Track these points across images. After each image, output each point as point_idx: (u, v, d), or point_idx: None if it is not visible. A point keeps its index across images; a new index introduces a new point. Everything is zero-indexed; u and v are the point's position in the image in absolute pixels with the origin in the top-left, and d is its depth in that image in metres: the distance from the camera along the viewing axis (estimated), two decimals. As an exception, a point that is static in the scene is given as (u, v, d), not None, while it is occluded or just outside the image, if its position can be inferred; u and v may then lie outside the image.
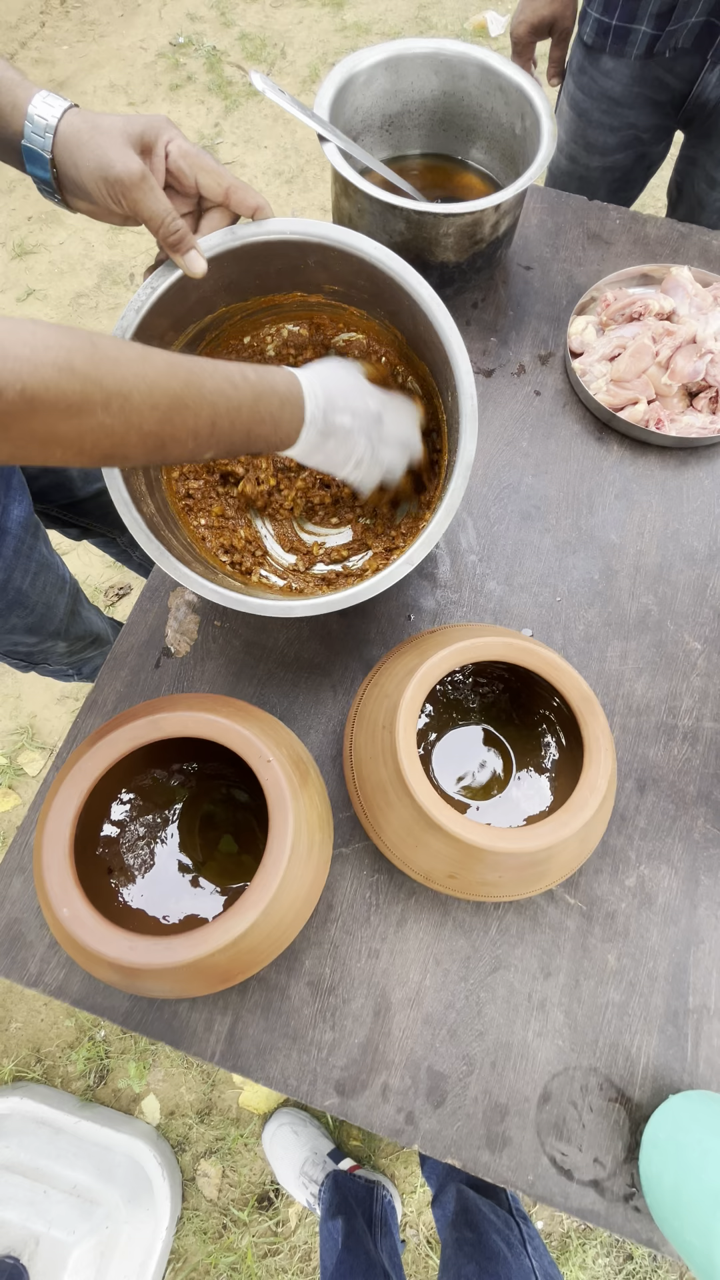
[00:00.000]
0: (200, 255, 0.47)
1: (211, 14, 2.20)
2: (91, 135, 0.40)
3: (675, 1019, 0.52)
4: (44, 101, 0.41)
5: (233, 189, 0.46)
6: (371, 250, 0.50)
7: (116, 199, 0.42)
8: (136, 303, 0.49)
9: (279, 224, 0.48)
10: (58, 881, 0.39)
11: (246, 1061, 0.50)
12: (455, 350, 0.49)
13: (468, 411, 0.49)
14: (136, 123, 0.42)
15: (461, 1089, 0.50)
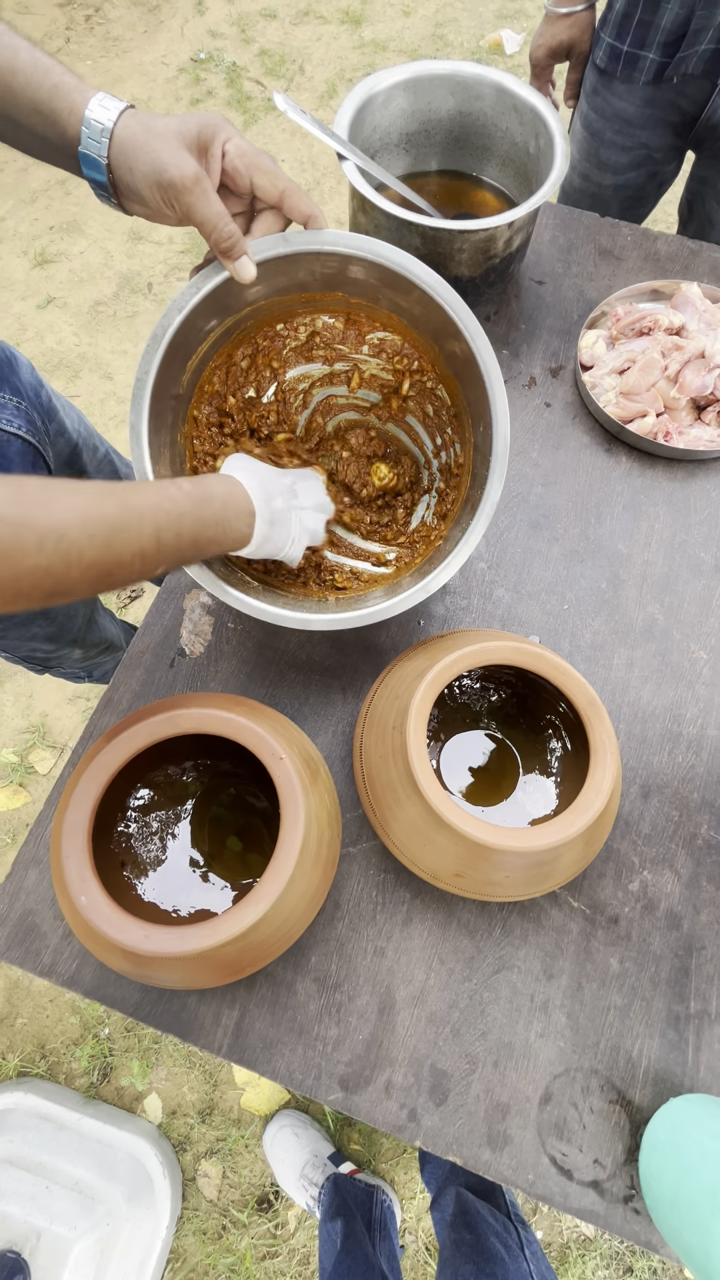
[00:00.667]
0: (251, 261, 0.46)
1: (232, 31, 2.24)
2: (146, 138, 0.40)
3: (676, 1023, 0.52)
4: (100, 105, 0.40)
5: (288, 193, 0.44)
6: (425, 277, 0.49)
7: (170, 203, 0.41)
8: (181, 302, 0.49)
9: (333, 236, 0.47)
10: (76, 870, 0.40)
11: (253, 1055, 0.51)
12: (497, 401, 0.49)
13: (499, 453, 0.50)
14: (192, 123, 0.41)
15: (464, 1087, 0.50)
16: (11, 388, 0.63)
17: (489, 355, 0.50)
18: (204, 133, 0.41)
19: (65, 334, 1.74)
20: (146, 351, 0.49)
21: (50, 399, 0.72)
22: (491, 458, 0.50)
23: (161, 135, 0.40)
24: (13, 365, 0.65)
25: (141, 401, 0.49)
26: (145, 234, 1.88)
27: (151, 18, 2.29)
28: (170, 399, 0.55)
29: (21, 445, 0.62)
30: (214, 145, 0.42)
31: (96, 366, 1.70)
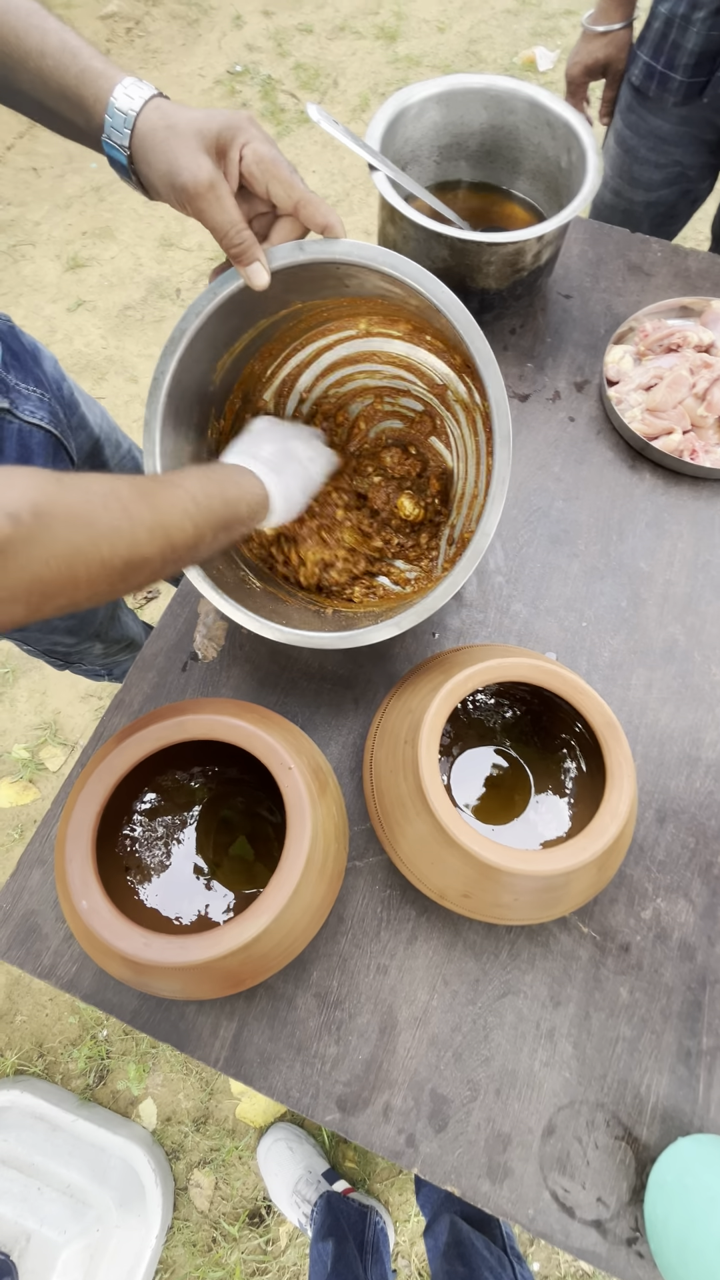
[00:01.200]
0: (264, 268, 0.45)
1: (269, 44, 2.28)
2: (165, 136, 0.39)
3: (687, 1059, 0.50)
4: (125, 93, 0.38)
5: (303, 202, 0.43)
6: (441, 294, 0.47)
7: (183, 204, 0.41)
8: (199, 305, 0.48)
9: (347, 246, 0.46)
10: (78, 874, 0.40)
11: (250, 1070, 0.50)
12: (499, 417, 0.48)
13: (499, 476, 0.48)
14: (214, 122, 0.40)
15: (464, 1114, 0.49)
16: (35, 380, 0.63)
17: (494, 374, 0.47)
18: (224, 134, 0.40)
19: (93, 337, 1.77)
20: (164, 353, 0.49)
21: (72, 393, 0.72)
22: (492, 482, 0.48)
23: (181, 134, 0.39)
24: (37, 358, 0.65)
25: (156, 399, 0.50)
26: (175, 240, 1.90)
27: (190, 31, 2.34)
28: (197, 397, 0.55)
29: (44, 436, 0.63)
30: (233, 148, 0.41)
31: (123, 369, 1.72)
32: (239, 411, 0.61)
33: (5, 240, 1.92)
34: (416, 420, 0.64)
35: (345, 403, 0.65)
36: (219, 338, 0.52)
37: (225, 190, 0.41)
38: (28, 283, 1.85)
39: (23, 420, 0.60)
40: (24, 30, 0.38)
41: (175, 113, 0.40)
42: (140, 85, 0.40)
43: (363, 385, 0.64)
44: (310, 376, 0.63)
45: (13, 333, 0.63)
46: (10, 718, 1.36)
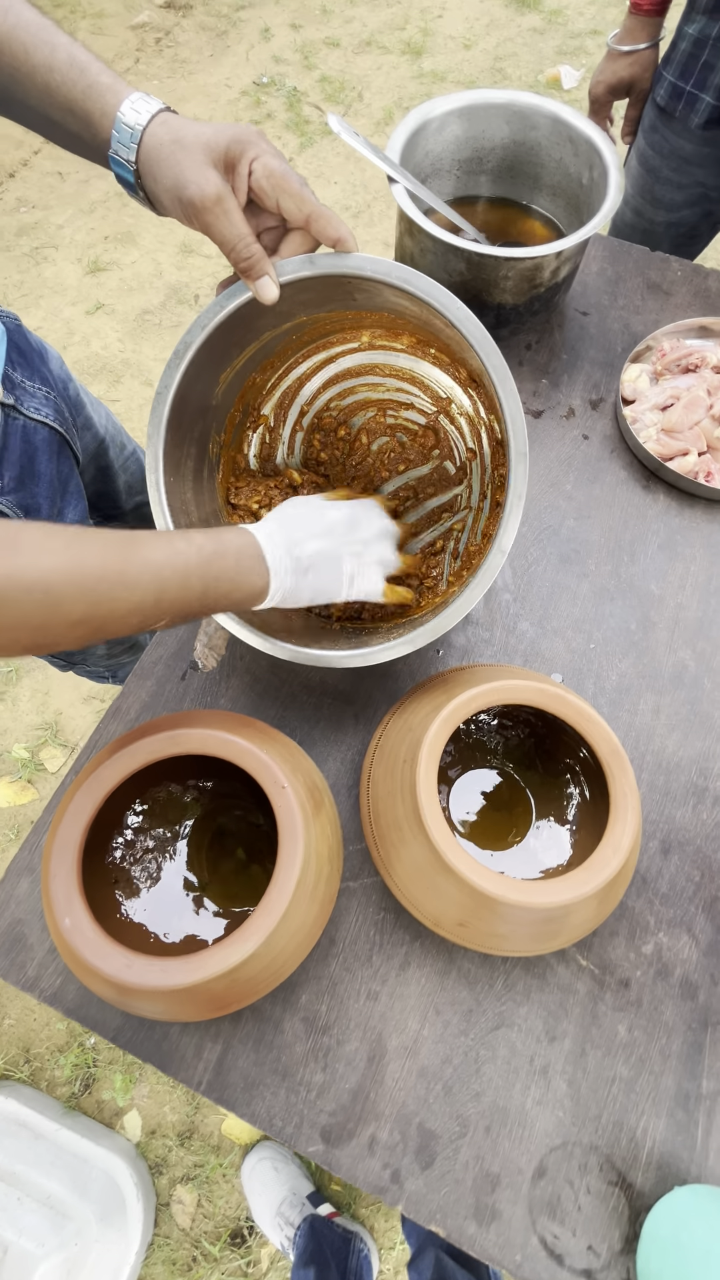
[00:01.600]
0: (273, 282, 0.44)
1: (295, 57, 2.30)
2: (172, 150, 0.39)
3: (686, 1103, 0.49)
4: (132, 107, 0.38)
5: (314, 216, 0.42)
6: (456, 310, 0.46)
7: (190, 218, 0.41)
8: (204, 319, 0.48)
9: (359, 260, 0.45)
10: (62, 890, 0.39)
11: (233, 1094, 0.49)
12: (516, 435, 0.46)
13: (515, 491, 0.46)
14: (223, 136, 0.39)
15: (452, 1151, 0.47)
16: (41, 378, 0.63)
17: (510, 390, 0.46)
18: (233, 148, 0.40)
19: (111, 339, 1.78)
20: (168, 367, 0.49)
21: (78, 393, 0.72)
22: (506, 501, 0.47)
23: (188, 149, 0.39)
24: (43, 357, 0.65)
25: (159, 415, 0.49)
26: (195, 248, 1.92)
27: (219, 42, 2.37)
28: (200, 411, 0.54)
29: (49, 433, 0.63)
30: (241, 162, 0.40)
31: (139, 373, 1.73)
32: (239, 424, 0.60)
33: (28, 242, 1.94)
34: (419, 434, 0.64)
35: (347, 417, 0.65)
36: (222, 351, 0.52)
37: (233, 204, 0.41)
38: (49, 284, 1.87)
39: (28, 417, 0.60)
40: (33, 45, 0.38)
41: (182, 127, 0.39)
42: (148, 100, 0.39)
43: (365, 398, 0.63)
44: (311, 389, 0.62)
45: (20, 331, 0.63)
46: (12, 717, 1.36)
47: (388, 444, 0.65)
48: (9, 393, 0.58)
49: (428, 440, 0.64)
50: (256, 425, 0.62)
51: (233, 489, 0.60)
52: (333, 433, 0.65)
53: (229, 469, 0.61)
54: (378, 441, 0.65)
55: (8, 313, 0.62)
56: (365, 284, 0.48)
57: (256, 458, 0.63)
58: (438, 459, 0.64)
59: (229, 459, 0.60)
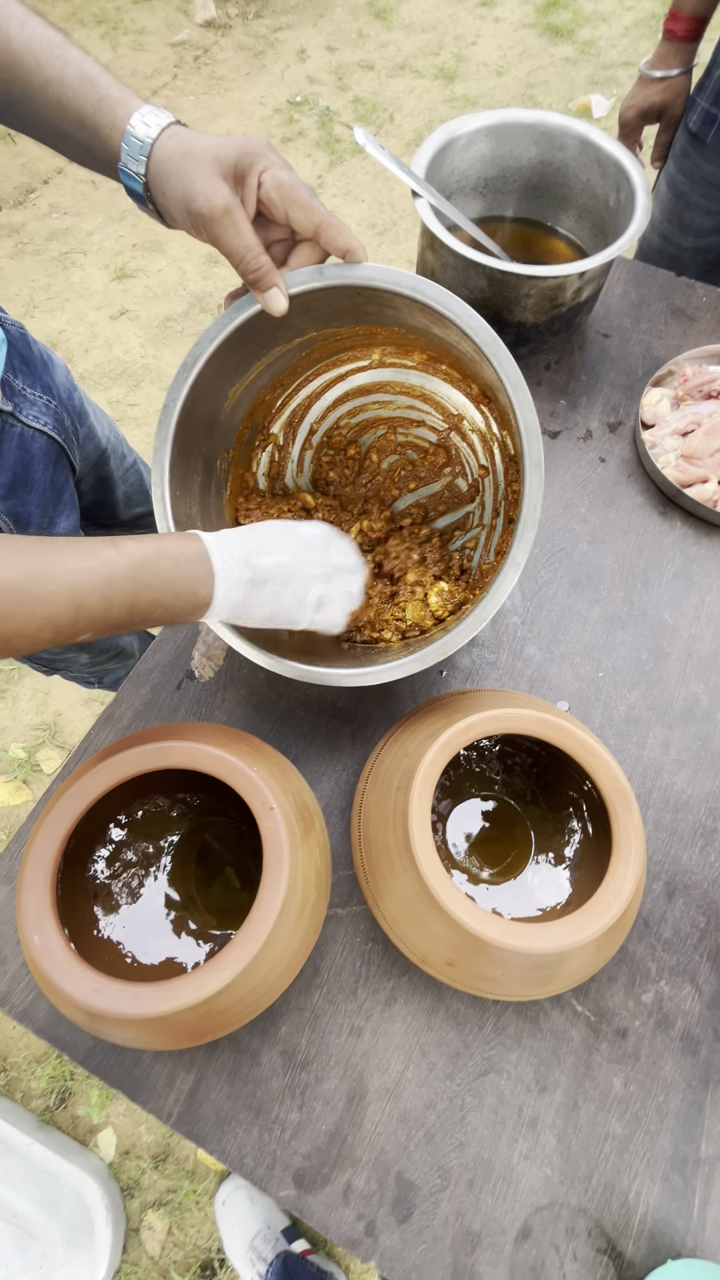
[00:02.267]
0: (282, 293, 0.44)
1: (329, 78, 2.34)
2: (181, 162, 0.38)
3: (683, 1167, 0.46)
4: (142, 120, 0.38)
5: (324, 227, 0.42)
6: (467, 317, 0.44)
7: (198, 230, 0.40)
8: (212, 332, 0.47)
9: (369, 270, 0.44)
10: (34, 906, 0.37)
11: (204, 1129, 0.46)
12: (531, 470, 0.44)
13: (529, 504, 0.45)
14: (232, 147, 0.39)
15: (432, 1205, 0.45)
16: (44, 386, 0.63)
17: (524, 398, 0.44)
18: (242, 160, 0.39)
19: (133, 345, 1.79)
20: (177, 379, 0.48)
21: (82, 403, 0.72)
22: (520, 515, 0.45)
23: (197, 161, 0.38)
24: (48, 366, 0.65)
25: (167, 427, 0.48)
26: (221, 259, 1.93)
27: (255, 62, 2.41)
28: (208, 426, 0.53)
29: (46, 442, 0.62)
30: (250, 174, 0.40)
31: (158, 378, 1.74)
32: (248, 442, 0.59)
33: (58, 247, 1.97)
34: (430, 451, 0.62)
35: (356, 435, 0.63)
36: (232, 365, 0.51)
37: (241, 216, 0.40)
38: (75, 289, 1.89)
39: (25, 425, 0.59)
40: (45, 60, 0.38)
41: (192, 139, 0.39)
42: (158, 113, 0.39)
43: (375, 416, 0.62)
44: (321, 408, 0.61)
45: (24, 339, 0.63)
46: (11, 716, 1.35)
47: (398, 461, 0.64)
48: (8, 399, 0.57)
49: (439, 458, 0.62)
50: (266, 444, 0.61)
51: (243, 510, 0.59)
52: (342, 451, 0.64)
53: (237, 487, 0.59)
54: (388, 459, 0.64)
55: (12, 321, 0.62)
56: (376, 296, 0.47)
57: (265, 476, 0.62)
58: (449, 476, 0.63)
59: (237, 476, 0.59)
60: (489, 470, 0.59)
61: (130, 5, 2.50)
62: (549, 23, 2.45)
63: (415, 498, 0.64)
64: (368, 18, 2.53)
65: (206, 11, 2.48)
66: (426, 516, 0.64)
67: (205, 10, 2.48)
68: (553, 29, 2.43)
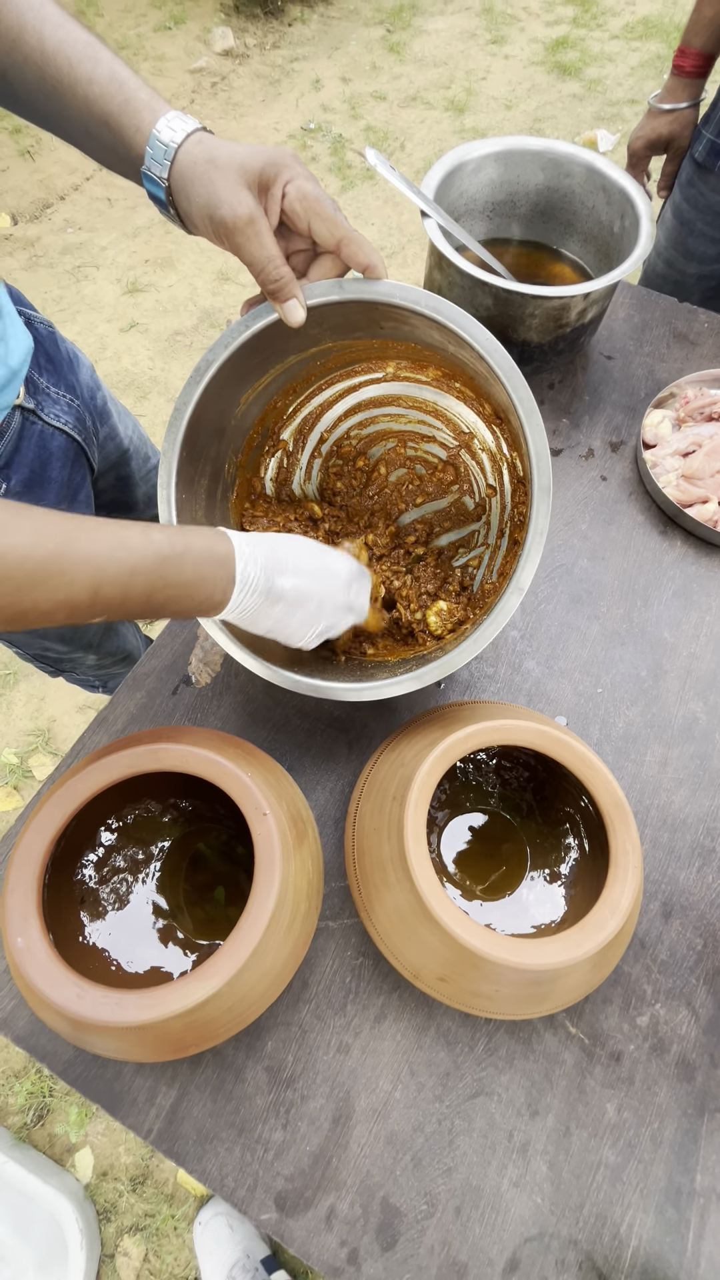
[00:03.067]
0: (301, 304, 0.44)
1: (343, 107, 2.40)
2: (206, 169, 0.38)
3: (677, 1199, 0.44)
4: (168, 125, 0.38)
5: (346, 241, 0.42)
6: (484, 340, 0.45)
7: (221, 238, 0.41)
8: (228, 338, 0.47)
9: (388, 287, 0.44)
10: (19, 907, 0.36)
11: (184, 1147, 0.45)
12: (539, 496, 0.45)
13: (536, 529, 0.45)
14: (258, 158, 0.39)
15: (417, 1233, 0.43)
16: (68, 385, 0.63)
17: (536, 424, 0.45)
18: (267, 170, 0.39)
19: (141, 357, 1.81)
20: (189, 383, 0.48)
21: (105, 403, 0.72)
22: (526, 539, 0.45)
23: (223, 169, 0.38)
24: (73, 365, 0.66)
25: (176, 430, 0.48)
26: (232, 275, 1.97)
27: (271, 89, 2.48)
28: (217, 430, 0.53)
29: (66, 441, 0.62)
30: (275, 185, 0.40)
31: (165, 390, 1.76)
32: (257, 447, 0.59)
33: (71, 261, 2.00)
34: (439, 467, 0.62)
35: (366, 447, 0.64)
36: (245, 372, 0.51)
37: (264, 226, 0.40)
38: (86, 301, 1.92)
39: (45, 422, 0.59)
40: (77, 60, 0.39)
41: (218, 147, 0.39)
42: (184, 119, 0.39)
43: (386, 428, 0.63)
44: (333, 416, 0.62)
45: (52, 338, 0.63)
46: (5, 721, 1.34)
47: (406, 476, 0.64)
48: (30, 396, 0.58)
49: (447, 475, 0.62)
50: (275, 450, 0.61)
51: (248, 515, 0.59)
52: (351, 462, 0.64)
53: (244, 491, 0.60)
54: (396, 473, 0.64)
55: (42, 319, 0.62)
56: (393, 312, 0.47)
57: (273, 481, 0.62)
58: (456, 494, 0.63)
59: (244, 480, 0.60)
60: (496, 490, 0.60)
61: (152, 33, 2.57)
62: (557, 61, 2.52)
63: (421, 513, 0.64)
64: (382, 51, 2.61)
65: (225, 41, 2.55)
66: (431, 532, 0.64)
67: (224, 40, 2.55)
68: (561, 67, 2.50)
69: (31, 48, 0.39)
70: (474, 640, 0.46)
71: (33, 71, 0.39)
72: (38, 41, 0.38)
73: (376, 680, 0.49)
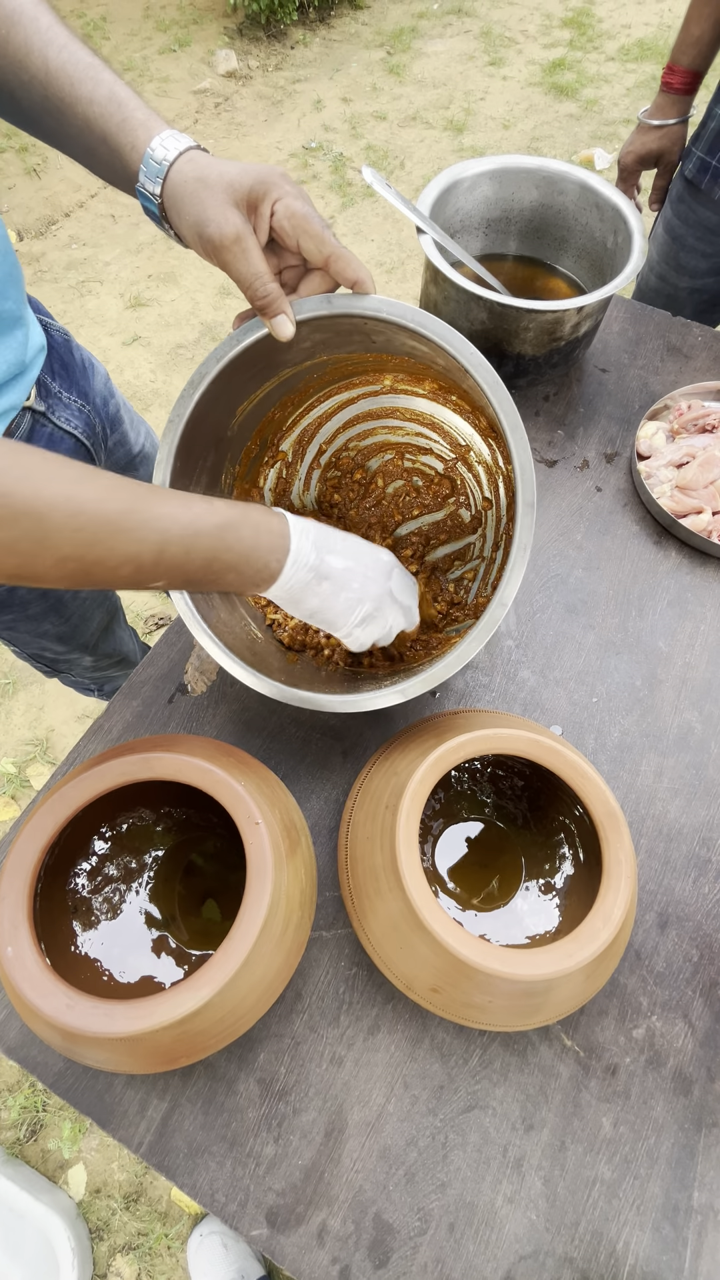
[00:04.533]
0: (289, 320, 0.44)
1: (344, 127, 2.45)
2: (195, 188, 0.40)
3: (674, 1216, 0.44)
4: (161, 144, 0.40)
5: (334, 257, 0.42)
6: (469, 354, 0.45)
7: (209, 255, 0.42)
8: (220, 352, 0.48)
9: (375, 302, 0.45)
10: (9, 916, 0.36)
11: (174, 1161, 0.44)
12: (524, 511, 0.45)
13: (520, 543, 0.45)
14: (247, 177, 0.40)
15: (410, 1250, 0.43)
16: (80, 391, 0.65)
17: (520, 438, 0.45)
18: (256, 189, 0.40)
19: (143, 369, 1.83)
20: (182, 396, 0.49)
21: (118, 410, 0.74)
22: (511, 553, 0.45)
23: (212, 188, 0.40)
24: (87, 372, 0.67)
25: (170, 441, 0.49)
26: (234, 290, 1.99)
27: (273, 110, 2.52)
28: (213, 441, 0.54)
29: (74, 444, 0.63)
30: (264, 204, 0.41)
31: (167, 403, 1.78)
32: (255, 458, 0.60)
33: (75, 276, 2.03)
34: (435, 480, 0.63)
35: (364, 459, 0.64)
36: (240, 384, 0.52)
37: (252, 243, 0.41)
38: (90, 315, 1.94)
39: (55, 425, 0.61)
40: (79, 80, 0.40)
41: (208, 165, 0.40)
42: (178, 137, 0.40)
43: (384, 440, 0.63)
44: (332, 428, 0.62)
45: (67, 346, 0.65)
46: (3, 730, 1.34)
47: (403, 488, 0.65)
48: (42, 399, 0.59)
49: (444, 488, 0.63)
50: (274, 461, 0.62)
51: None
52: (349, 474, 0.65)
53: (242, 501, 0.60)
54: (393, 484, 0.65)
55: (58, 327, 0.64)
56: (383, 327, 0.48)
57: (272, 492, 0.63)
58: (453, 506, 0.63)
59: (243, 491, 0.60)
60: (492, 503, 0.60)
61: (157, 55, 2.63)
62: (554, 82, 2.57)
63: (418, 525, 0.65)
64: (382, 73, 2.66)
65: (229, 63, 2.60)
66: (427, 545, 0.64)
67: (228, 62, 2.60)
68: (558, 88, 2.55)
69: (37, 67, 0.40)
70: (460, 652, 0.45)
71: (37, 90, 0.41)
72: (42, 62, 0.40)
73: (363, 692, 0.49)
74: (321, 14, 2.89)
